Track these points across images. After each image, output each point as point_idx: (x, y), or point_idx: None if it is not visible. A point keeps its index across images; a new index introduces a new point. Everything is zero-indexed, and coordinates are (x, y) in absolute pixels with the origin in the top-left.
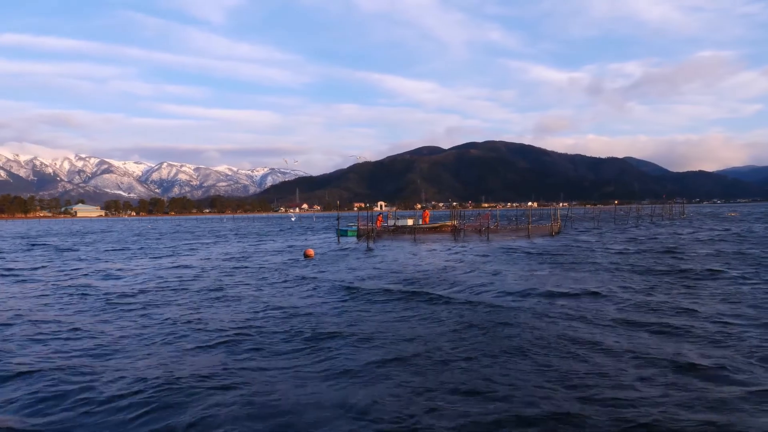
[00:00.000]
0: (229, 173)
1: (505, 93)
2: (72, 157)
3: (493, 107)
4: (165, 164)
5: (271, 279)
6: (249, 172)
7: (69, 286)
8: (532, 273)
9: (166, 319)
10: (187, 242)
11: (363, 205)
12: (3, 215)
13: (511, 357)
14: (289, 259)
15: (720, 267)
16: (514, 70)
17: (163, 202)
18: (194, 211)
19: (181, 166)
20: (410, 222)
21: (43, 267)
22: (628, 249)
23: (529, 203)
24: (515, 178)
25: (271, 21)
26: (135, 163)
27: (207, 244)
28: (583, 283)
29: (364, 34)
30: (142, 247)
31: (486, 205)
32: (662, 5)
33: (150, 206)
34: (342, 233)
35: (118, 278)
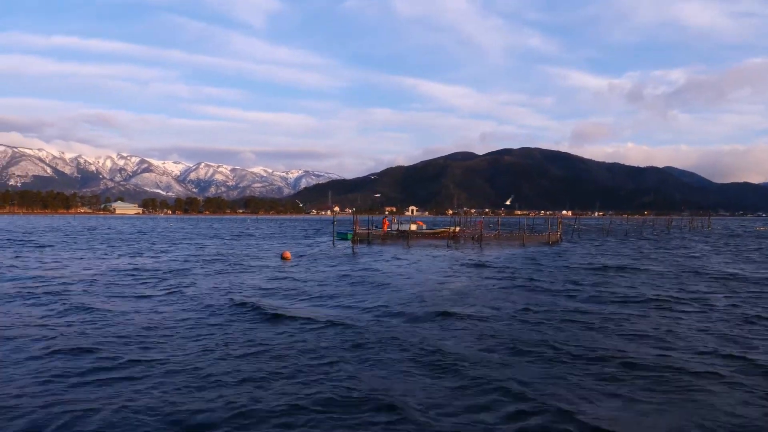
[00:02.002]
0: (264, 175)
1: (543, 99)
2: (114, 155)
3: (530, 113)
4: (202, 164)
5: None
6: (283, 174)
7: None
8: (442, 289)
9: None
10: (174, 242)
11: (394, 209)
12: (46, 210)
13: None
14: (261, 265)
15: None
16: (552, 76)
17: (198, 202)
18: (228, 211)
19: (218, 166)
20: (414, 227)
21: None
22: (575, 264)
23: (563, 211)
24: (550, 186)
25: (309, 25)
26: (174, 162)
27: (196, 245)
28: (450, 303)
29: (400, 38)
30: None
31: (519, 212)
32: (711, 11)
33: (185, 205)
34: (341, 237)
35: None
